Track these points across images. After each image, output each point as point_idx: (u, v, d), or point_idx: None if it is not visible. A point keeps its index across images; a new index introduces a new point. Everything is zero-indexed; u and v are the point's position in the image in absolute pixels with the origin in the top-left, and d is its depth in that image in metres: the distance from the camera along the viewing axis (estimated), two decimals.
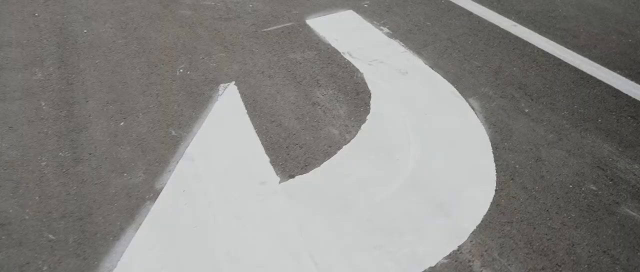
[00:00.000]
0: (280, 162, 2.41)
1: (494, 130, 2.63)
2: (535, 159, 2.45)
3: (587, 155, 2.47)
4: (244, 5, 3.93)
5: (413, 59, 3.23)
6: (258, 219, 2.11)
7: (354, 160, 2.43)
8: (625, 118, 2.74)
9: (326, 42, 3.41)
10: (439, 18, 3.75)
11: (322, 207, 2.17)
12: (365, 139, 2.57)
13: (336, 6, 3.93)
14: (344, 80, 3.01)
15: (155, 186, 2.27)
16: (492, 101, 2.85)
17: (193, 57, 3.23)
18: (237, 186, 2.27)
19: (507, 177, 2.34)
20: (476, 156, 2.47)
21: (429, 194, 2.24)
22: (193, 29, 3.57)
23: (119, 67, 3.11)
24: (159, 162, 2.40)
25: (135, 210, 2.15)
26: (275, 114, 2.73)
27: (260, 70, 3.10)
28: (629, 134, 2.61)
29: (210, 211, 2.15)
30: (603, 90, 2.95)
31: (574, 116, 2.74)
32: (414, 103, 2.82)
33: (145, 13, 3.79)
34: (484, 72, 3.11)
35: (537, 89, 2.95)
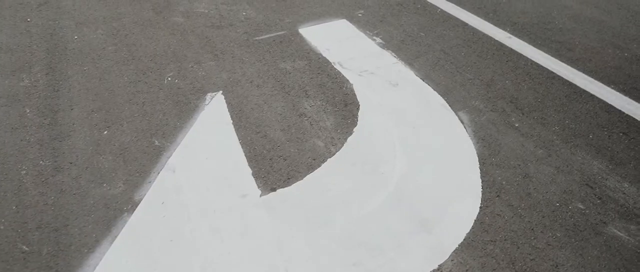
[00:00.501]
0: (263, 175, 2.37)
1: (482, 145, 2.58)
2: (523, 176, 2.40)
3: (576, 172, 2.43)
4: (237, 13, 3.90)
5: (404, 70, 3.19)
6: (236, 234, 2.08)
7: (337, 173, 2.39)
8: (617, 134, 2.69)
9: (317, 52, 3.37)
10: (433, 29, 3.71)
11: (303, 222, 2.13)
12: (351, 152, 2.53)
13: (330, 15, 3.90)
14: (333, 91, 2.97)
15: (134, 197, 2.24)
16: (482, 115, 2.80)
17: (182, 65, 3.20)
18: (217, 199, 2.24)
19: (493, 193, 2.30)
20: (463, 171, 2.42)
21: (412, 210, 2.20)
22: (184, 37, 3.55)
23: (107, 74, 3.09)
24: (140, 172, 2.37)
25: (112, 222, 2.12)
26: (261, 124, 2.69)
27: (249, 79, 3.07)
28: (620, 151, 2.56)
29: (188, 224, 2.11)
30: (596, 105, 2.90)
31: (565, 131, 2.69)
32: (402, 116, 2.78)
33: (137, 20, 3.77)
34: (475, 84, 3.06)
35: (529, 103, 2.91)
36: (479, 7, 4.05)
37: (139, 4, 4.02)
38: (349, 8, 4.01)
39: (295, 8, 4.00)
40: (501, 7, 4.07)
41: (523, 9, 4.04)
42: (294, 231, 2.09)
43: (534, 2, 4.16)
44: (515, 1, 4.17)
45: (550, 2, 4.17)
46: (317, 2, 4.09)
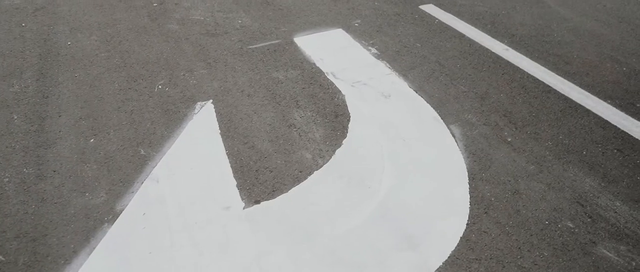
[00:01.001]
0: (248, 187, 2.33)
1: (472, 160, 2.54)
2: (513, 192, 2.35)
3: (567, 189, 2.37)
4: (232, 21, 3.88)
5: (398, 81, 3.15)
6: (217, 247, 2.04)
7: (323, 187, 2.36)
8: (611, 151, 2.63)
9: (311, 62, 3.34)
10: (429, 40, 3.68)
11: (285, 236, 2.09)
12: (339, 164, 2.49)
13: (327, 24, 3.87)
14: (324, 102, 2.93)
15: (116, 207, 2.21)
16: (475, 129, 2.76)
17: (174, 73, 3.18)
18: (199, 211, 2.20)
19: (481, 210, 2.25)
20: (451, 187, 2.38)
21: (397, 226, 2.15)
22: (178, 44, 3.53)
23: (97, 81, 3.07)
24: (124, 182, 2.34)
25: (92, 232, 2.09)
26: (249, 135, 2.66)
27: (241, 88, 3.04)
28: (614, 169, 2.51)
29: (168, 236, 2.08)
30: (591, 121, 2.85)
31: (558, 147, 2.64)
32: (393, 128, 2.74)
33: (132, 26, 3.76)
34: (469, 97, 3.02)
35: (523, 117, 2.86)
36: (477, 18, 4.01)
37: (135, 10, 4.01)
38: (345, 17, 3.98)
39: (291, 17, 3.97)
40: (500, 18, 4.03)
41: (522, 20, 4.00)
42: (275, 246, 2.05)
43: (533, 14, 4.12)
44: (514, 13, 4.13)
45: (549, 15, 4.12)
46: (314, 11, 4.07)
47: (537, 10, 4.17)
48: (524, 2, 4.33)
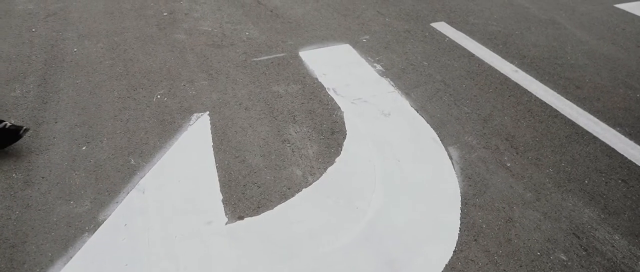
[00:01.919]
0: (233, 202, 2.29)
1: (467, 184, 2.45)
2: (506, 220, 2.26)
3: (564, 219, 2.27)
4: (240, 33, 3.87)
5: (400, 100, 3.09)
6: (194, 262, 2.00)
7: (310, 205, 2.30)
8: (616, 181, 2.52)
9: (313, 76, 3.30)
10: (437, 58, 3.61)
11: (265, 254, 2.04)
12: (328, 183, 2.43)
13: (334, 39, 3.83)
14: (322, 118, 2.89)
15: (99, 217, 2.19)
16: (473, 152, 2.67)
17: (174, 84, 3.17)
18: (181, 224, 2.17)
19: (471, 237, 2.16)
20: (442, 211, 2.30)
21: (381, 249, 2.08)
22: (182, 54, 3.53)
23: (98, 88, 3.08)
24: (109, 191, 2.32)
25: (71, 241, 2.07)
26: (241, 149, 2.63)
27: (239, 101, 3.02)
28: (616, 200, 2.39)
29: (146, 248, 2.04)
30: (597, 148, 2.74)
31: (559, 175, 2.54)
32: (389, 148, 2.67)
33: (139, 35, 3.78)
34: (471, 119, 2.94)
35: (525, 142, 2.76)
36: (489, 38, 3.93)
37: (145, 19, 4.03)
38: (354, 33, 3.94)
39: (300, 30, 3.95)
40: (513, 39, 3.93)
41: (536, 41, 3.90)
42: (254, 264, 2.00)
43: (547, 35, 4.02)
44: (528, 33, 4.03)
45: (564, 37, 4.02)
46: (322, 26, 4.04)
47: (552, 32, 4.07)
48: (539, 23, 4.23)
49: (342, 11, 4.29)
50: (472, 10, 4.40)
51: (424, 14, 4.29)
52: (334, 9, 4.33)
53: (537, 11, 4.43)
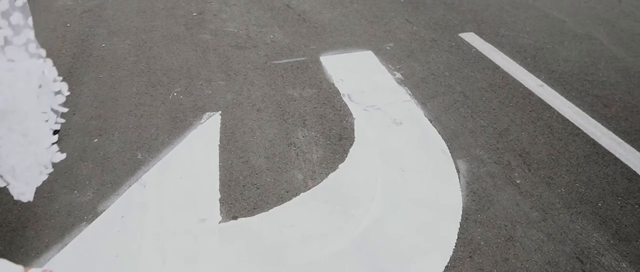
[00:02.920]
0: (230, 201, 2.30)
1: (471, 199, 2.38)
2: (506, 238, 2.18)
3: (569, 242, 2.17)
4: (264, 36, 3.91)
5: (414, 109, 3.04)
6: (182, 258, 2.02)
7: (306, 209, 2.29)
8: (632, 206, 2.39)
9: (330, 82, 3.29)
10: (460, 69, 3.52)
11: (254, 256, 2.04)
12: (328, 188, 2.41)
13: (358, 45, 3.81)
14: (332, 124, 2.87)
15: (98, 207, 2.24)
16: (483, 166, 2.59)
17: (192, 82, 3.22)
18: (176, 220, 2.19)
19: (466, 253, 2.09)
20: (440, 225, 2.24)
21: (371, 259, 2.04)
22: (205, 54, 3.59)
23: (118, 83, 3.16)
24: (113, 184, 2.38)
25: (68, 230, 2.12)
26: (247, 149, 2.64)
27: (252, 102, 3.04)
28: (629, 225, 2.27)
29: (138, 242, 2.08)
30: (616, 170, 2.61)
31: (571, 195, 2.43)
32: (394, 157, 2.63)
33: (167, 33, 3.87)
34: (486, 132, 2.85)
35: (540, 159, 2.66)
36: (518, 50, 3.81)
37: (174, 18, 4.12)
38: (379, 40, 3.90)
39: (324, 35, 3.94)
40: (543, 52, 3.80)
41: (567, 56, 3.76)
42: (241, 265, 2.00)
43: (581, 50, 3.86)
44: (561, 48, 3.88)
45: (599, 53, 3.85)
46: (348, 31, 4.02)
47: (586, 47, 3.91)
48: (574, 37, 4.07)
49: (370, 18, 4.27)
50: (505, 21, 4.28)
51: (453, 23, 4.21)
52: (361, 15, 4.30)
53: (574, 25, 4.26)
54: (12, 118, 1.72)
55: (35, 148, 1.83)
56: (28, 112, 1.77)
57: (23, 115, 1.75)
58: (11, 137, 1.75)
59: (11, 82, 1.69)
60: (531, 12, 4.50)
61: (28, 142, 1.80)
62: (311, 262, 2.03)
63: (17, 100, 1.72)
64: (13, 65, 1.71)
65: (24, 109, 1.75)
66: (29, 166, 1.84)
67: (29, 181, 1.86)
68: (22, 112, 1.74)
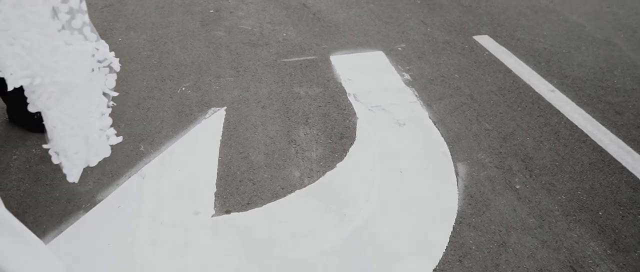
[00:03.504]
0: (225, 196, 2.34)
1: (467, 202, 2.36)
2: (499, 244, 2.15)
3: (564, 250, 2.13)
4: (277, 34, 3.94)
5: (419, 110, 3.02)
6: (171, 249, 2.06)
7: (299, 207, 2.30)
8: (634, 216, 2.33)
9: (338, 81, 3.30)
10: (470, 72, 3.49)
11: (242, 250, 2.07)
12: (324, 187, 2.42)
13: (369, 46, 3.81)
14: (335, 123, 2.88)
15: (97, 197, 2.30)
16: (483, 170, 2.57)
17: (201, 78, 3.27)
18: (170, 212, 2.24)
19: (456, 257, 2.08)
20: (432, 227, 2.22)
21: (358, 259, 2.05)
22: (217, 51, 3.64)
23: (130, 77, 3.24)
24: (113, 174, 2.44)
25: (66, 217, 2.19)
26: (247, 145, 2.67)
27: (258, 99, 3.07)
28: (630, 236, 2.22)
29: (130, 231, 2.13)
30: (622, 179, 2.55)
31: (571, 203, 2.39)
32: (394, 158, 2.62)
33: (182, 29, 3.94)
34: (491, 136, 2.82)
35: (543, 165, 2.62)
36: (532, 54, 3.75)
37: (191, 15, 4.19)
38: (391, 40, 3.89)
39: (337, 35, 3.95)
40: (557, 57, 3.73)
41: (582, 62, 3.68)
42: (228, 258, 2.03)
43: (598, 56, 3.77)
44: (577, 53, 3.80)
45: (616, 59, 3.76)
46: (361, 31, 4.02)
47: (604, 53, 3.82)
48: (592, 42, 3.98)
49: (385, 18, 4.25)
50: (522, 25, 4.22)
51: (468, 26, 4.17)
52: (376, 16, 4.30)
53: (593, 30, 4.17)
54: (66, 101, 1.83)
55: (85, 131, 1.94)
56: (80, 96, 1.88)
57: (75, 98, 1.86)
58: (64, 120, 1.87)
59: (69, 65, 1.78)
60: (550, 16, 4.42)
61: (78, 125, 1.91)
62: (298, 259, 2.05)
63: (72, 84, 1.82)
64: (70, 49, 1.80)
65: (77, 93, 1.86)
66: (78, 148, 1.96)
67: (77, 163, 1.98)
68: (74, 96, 1.85)
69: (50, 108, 1.81)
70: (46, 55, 1.72)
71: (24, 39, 1.69)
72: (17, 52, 1.70)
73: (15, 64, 1.70)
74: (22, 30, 1.67)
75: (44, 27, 1.71)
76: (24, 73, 1.72)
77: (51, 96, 1.78)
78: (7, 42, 1.68)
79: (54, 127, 1.84)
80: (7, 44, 1.68)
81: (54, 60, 1.74)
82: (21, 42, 1.70)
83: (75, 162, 1.97)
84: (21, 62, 1.71)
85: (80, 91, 1.87)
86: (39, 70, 1.72)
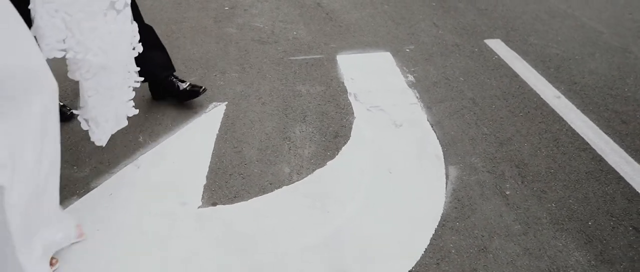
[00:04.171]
0: (213, 188, 2.40)
1: (453, 206, 2.36)
2: (480, 249, 2.15)
3: (546, 259, 2.11)
4: (288, 32, 3.99)
5: (418, 112, 3.02)
6: (155, 238, 2.13)
7: (284, 203, 2.35)
8: (625, 227, 2.29)
9: (341, 80, 3.33)
10: (476, 75, 3.47)
11: (224, 242, 2.12)
12: (311, 184, 2.46)
13: (377, 46, 3.82)
14: (332, 121, 2.91)
15: (91, 184, 2.40)
16: (474, 174, 2.56)
17: (207, 73, 3.35)
18: (158, 201, 2.31)
19: (434, 260, 2.09)
20: (414, 229, 2.23)
21: (336, 256, 2.08)
22: (226, 47, 3.71)
23: None
24: (110, 163, 2.53)
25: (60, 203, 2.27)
26: (242, 140, 2.73)
27: (259, 95, 3.12)
28: (617, 248, 2.18)
29: (119, 219, 2.21)
30: (618, 190, 2.50)
31: (561, 211, 2.36)
32: (386, 159, 2.63)
33: (195, 25, 4.03)
34: (487, 141, 2.80)
35: (537, 172, 2.59)
36: (542, 60, 3.70)
37: (206, 11, 4.28)
38: (401, 42, 3.89)
39: (346, 35, 3.98)
40: (569, 63, 3.66)
41: (594, 69, 3.60)
42: (208, 250, 2.09)
43: (611, 63, 3.69)
44: (590, 60, 3.73)
45: (632, 67, 3.66)
46: (371, 32, 4.04)
47: (618, 60, 3.73)
48: (608, 49, 3.89)
49: (397, 19, 4.26)
50: (537, 30, 4.16)
51: (481, 29, 4.13)
52: (389, 17, 4.30)
53: (610, 37, 4.08)
54: (103, 74, 2.03)
55: (116, 102, 2.17)
56: (116, 70, 2.08)
57: (111, 72, 2.06)
58: (99, 91, 2.07)
59: (113, 42, 1.97)
60: (568, 21, 4.34)
61: (111, 96, 2.13)
62: (275, 254, 2.09)
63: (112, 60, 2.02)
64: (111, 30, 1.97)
65: (114, 67, 2.06)
66: (109, 117, 2.18)
67: (106, 130, 2.20)
68: (111, 70, 2.05)
69: (87, 79, 2.00)
70: (84, 33, 1.88)
71: (65, 13, 1.83)
72: (56, 25, 1.85)
73: (52, 36, 1.85)
74: (65, 4, 1.81)
75: (88, 5, 1.86)
76: (60, 46, 1.88)
77: (89, 70, 1.97)
78: (49, 13, 1.82)
79: (89, 97, 2.04)
80: (48, 15, 1.82)
81: (90, 39, 1.90)
82: (62, 16, 1.84)
83: (105, 129, 2.18)
84: (59, 34, 1.87)
85: (116, 67, 2.07)
86: (74, 45, 1.88)
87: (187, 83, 2.95)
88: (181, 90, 2.90)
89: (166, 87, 2.94)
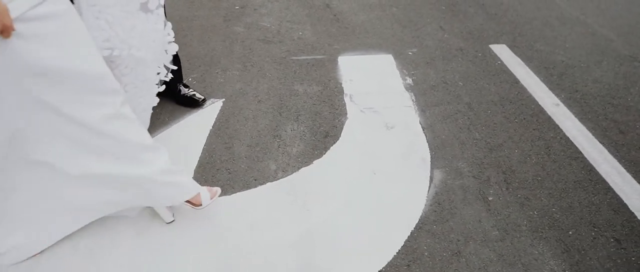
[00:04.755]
0: (199, 182, 2.45)
1: (433, 209, 2.38)
2: (453, 253, 2.17)
3: (519, 266, 2.12)
4: (293, 32, 4.05)
5: (411, 115, 3.04)
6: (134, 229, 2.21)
7: (266, 199, 2.41)
8: (606, 239, 2.27)
9: (339, 81, 3.37)
10: (476, 80, 3.46)
11: (199, 234, 2.20)
12: (294, 182, 2.51)
13: (380, 48, 3.85)
14: (324, 121, 2.96)
15: None
16: (459, 179, 2.57)
17: (209, 70, 3.44)
18: None
19: (405, 261, 2.12)
20: (391, 230, 2.26)
21: (307, 254, 2.13)
22: (231, 45, 3.79)
23: None
24: None
25: None
26: (234, 137, 2.80)
27: (256, 94, 3.19)
28: (595, 259, 2.17)
29: None
30: (605, 200, 2.48)
31: (542, 219, 2.35)
32: (372, 160, 2.67)
33: (205, 23, 4.12)
34: (477, 146, 2.81)
35: (524, 179, 2.59)
36: (546, 67, 3.66)
37: (216, 10, 4.37)
38: (404, 44, 3.91)
39: (351, 36, 4.02)
40: (573, 71, 3.62)
41: (599, 77, 3.56)
42: (181, 242, 2.16)
43: (617, 72, 3.63)
44: (596, 68, 3.68)
45: (638, 76, 3.60)
46: (376, 34, 4.06)
47: (626, 70, 3.67)
48: (616, 58, 3.83)
49: (404, 22, 4.27)
50: (545, 36, 4.11)
51: (487, 34, 4.11)
52: (396, 20, 4.32)
53: (621, 45, 4.01)
54: (139, 69, 2.22)
55: (147, 94, 2.36)
56: (151, 65, 2.27)
57: (146, 67, 2.25)
58: (137, 85, 2.27)
59: (142, 42, 2.15)
60: (578, 28, 4.28)
61: (147, 88, 2.34)
62: (249, 247, 2.15)
63: (150, 54, 2.22)
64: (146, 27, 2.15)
65: (149, 63, 2.25)
66: (146, 106, 2.40)
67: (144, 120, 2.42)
68: (146, 64, 2.24)
69: (126, 75, 2.18)
70: (126, 31, 2.08)
71: (108, 14, 2.01)
72: (101, 26, 2.04)
73: (99, 36, 2.04)
74: (107, 5, 2.00)
75: (126, 5, 2.04)
76: (106, 45, 2.05)
77: (128, 65, 2.16)
78: (93, 15, 2.00)
79: (127, 92, 2.22)
80: (93, 18, 2.00)
81: (131, 36, 2.10)
82: (105, 17, 2.02)
83: (142, 118, 2.38)
84: (104, 34, 2.05)
85: (151, 62, 2.25)
86: (118, 43, 2.08)
87: (190, 89, 3.05)
88: (182, 95, 2.98)
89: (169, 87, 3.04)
